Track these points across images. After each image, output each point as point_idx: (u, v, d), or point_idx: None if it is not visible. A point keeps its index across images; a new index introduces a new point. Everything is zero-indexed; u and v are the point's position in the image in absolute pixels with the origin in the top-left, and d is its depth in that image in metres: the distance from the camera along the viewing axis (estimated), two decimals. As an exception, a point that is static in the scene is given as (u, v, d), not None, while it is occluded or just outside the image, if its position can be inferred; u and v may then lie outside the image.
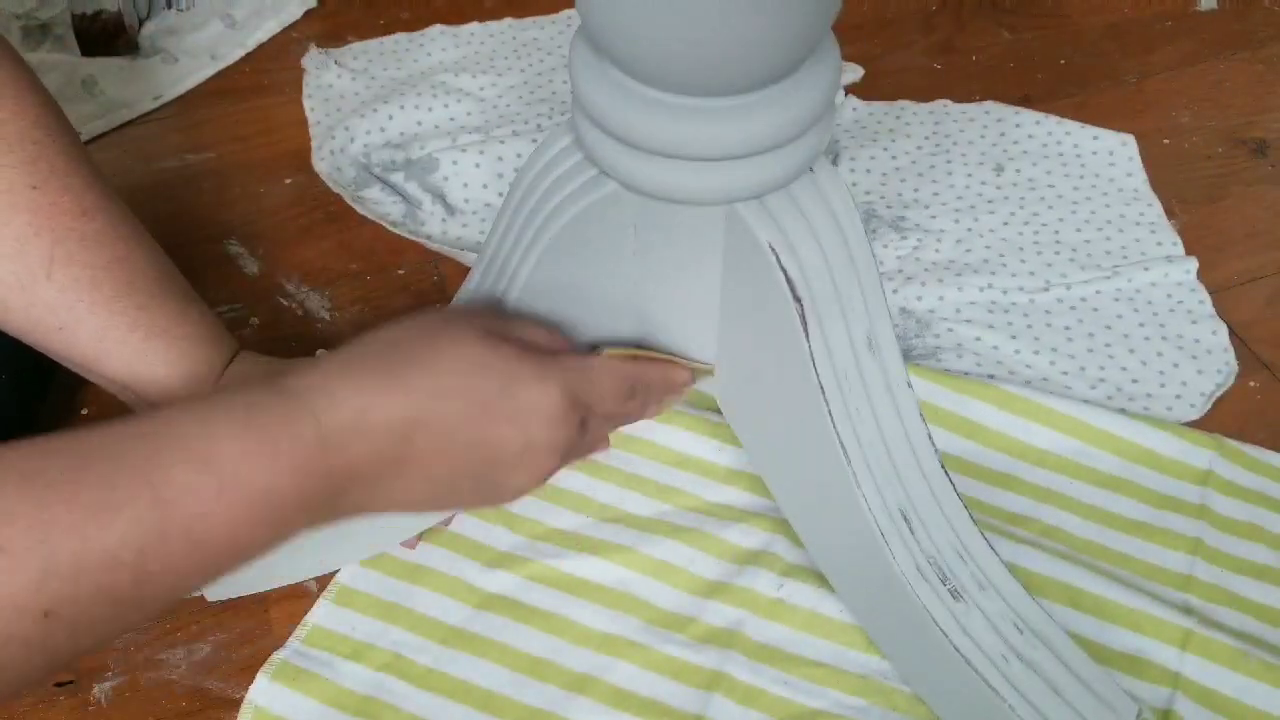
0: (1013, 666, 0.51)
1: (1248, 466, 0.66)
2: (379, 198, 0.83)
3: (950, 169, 0.85)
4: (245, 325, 0.75)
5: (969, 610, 0.51)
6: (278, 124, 0.90)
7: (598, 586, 0.60)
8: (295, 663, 0.57)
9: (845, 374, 0.49)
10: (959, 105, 0.91)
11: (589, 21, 0.44)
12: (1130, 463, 0.66)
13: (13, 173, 0.50)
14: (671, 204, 0.47)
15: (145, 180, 0.84)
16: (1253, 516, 0.64)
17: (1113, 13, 1.01)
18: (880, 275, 0.51)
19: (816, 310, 0.48)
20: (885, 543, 0.50)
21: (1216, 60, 0.96)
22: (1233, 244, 0.81)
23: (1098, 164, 0.86)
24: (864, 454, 0.50)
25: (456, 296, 0.61)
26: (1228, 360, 0.72)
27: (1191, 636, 0.57)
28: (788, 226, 0.47)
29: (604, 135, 0.46)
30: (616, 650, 0.58)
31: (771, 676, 0.57)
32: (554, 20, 0.99)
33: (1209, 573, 0.61)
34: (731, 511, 0.63)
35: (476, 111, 0.89)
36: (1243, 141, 0.89)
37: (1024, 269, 0.77)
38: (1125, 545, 0.62)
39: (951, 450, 0.66)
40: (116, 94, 0.91)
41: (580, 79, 0.46)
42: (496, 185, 0.83)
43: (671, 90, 0.43)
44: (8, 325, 0.52)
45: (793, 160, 0.46)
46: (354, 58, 0.95)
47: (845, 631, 0.58)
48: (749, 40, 0.41)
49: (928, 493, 0.53)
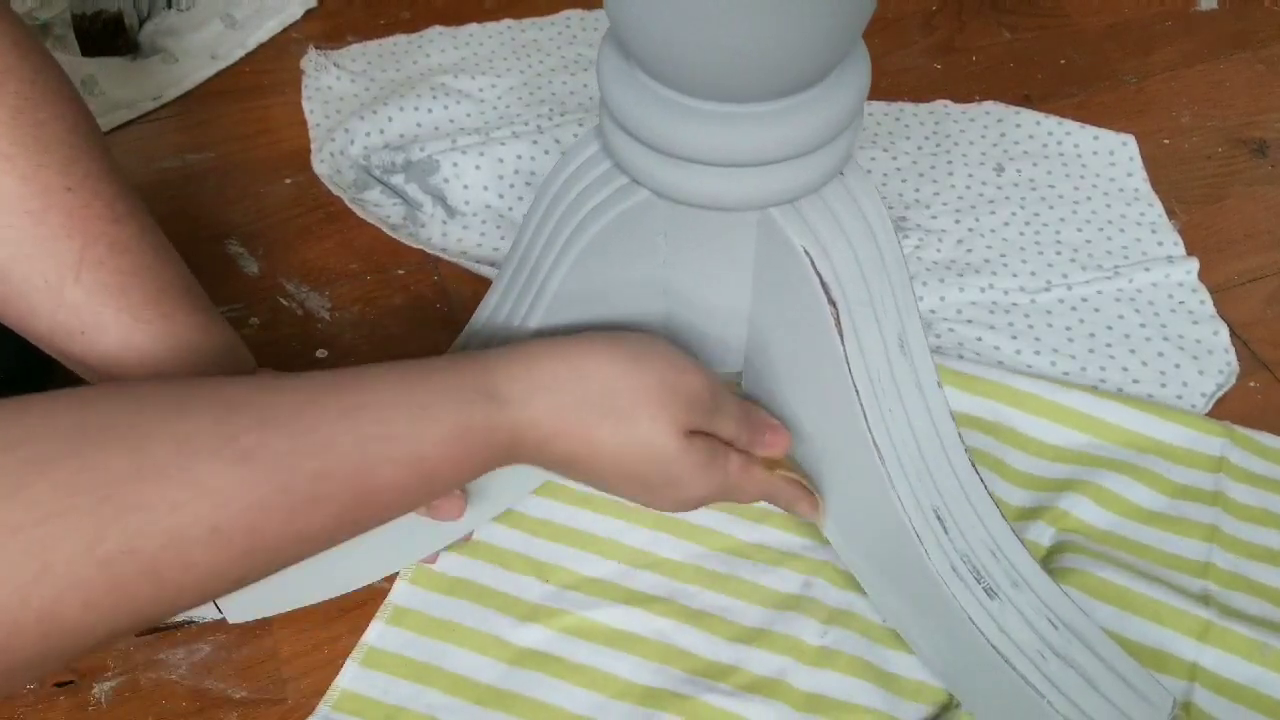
0: (1050, 663, 0.51)
1: (1260, 453, 0.67)
2: (379, 200, 0.83)
3: (950, 169, 0.85)
4: (245, 325, 0.75)
5: (1004, 608, 0.51)
6: (278, 124, 0.90)
7: (636, 637, 0.59)
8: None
9: (878, 375, 0.49)
10: (959, 105, 0.91)
11: (621, 29, 0.44)
12: (1143, 453, 0.66)
13: (49, 173, 0.50)
14: (704, 210, 0.47)
15: (145, 180, 0.84)
16: (1267, 503, 0.64)
17: (1113, 13, 1.01)
18: (909, 275, 0.51)
19: (850, 313, 0.47)
20: (920, 543, 0.50)
21: (1216, 60, 0.96)
22: (1233, 244, 0.81)
23: (1098, 164, 0.85)
24: (897, 454, 0.50)
25: (480, 309, 0.59)
26: (1229, 360, 0.72)
27: (1210, 628, 0.58)
28: (821, 230, 0.47)
29: (635, 143, 0.46)
30: (660, 703, 0.56)
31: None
32: (553, 21, 0.99)
33: (1227, 560, 0.62)
34: (766, 553, 0.62)
35: (476, 113, 0.89)
36: (1243, 141, 0.89)
37: (1025, 269, 0.77)
38: (1143, 535, 0.63)
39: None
40: (116, 94, 0.91)
41: (610, 86, 0.46)
42: (497, 187, 0.83)
43: (707, 97, 0.43)
44: (31, 330, 0.52)
45: (826, 164, 0.46)
46: (353, 59, 0.95)
47: (894, 680, 0.57)
48: (788, 45, 0.41)
49: (960, 492, 0.53)
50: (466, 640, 0.59)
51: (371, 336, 0.75)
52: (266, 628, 0.60)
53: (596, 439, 0.47)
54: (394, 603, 0.60)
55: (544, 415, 0.46)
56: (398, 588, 0.60)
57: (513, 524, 0.63)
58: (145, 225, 0.53)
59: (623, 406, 0.47)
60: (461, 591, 0.60)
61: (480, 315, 0.59)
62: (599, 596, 0.60)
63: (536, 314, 0.54)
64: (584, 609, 0.60)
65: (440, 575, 0.61)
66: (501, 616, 0.59)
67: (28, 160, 0.49)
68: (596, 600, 0.60)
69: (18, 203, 0.49)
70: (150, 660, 0.58)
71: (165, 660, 0.58)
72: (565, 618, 0.59)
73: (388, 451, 0.42)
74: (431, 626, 0.59)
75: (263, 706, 0.57)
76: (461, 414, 0.44)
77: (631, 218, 0.48)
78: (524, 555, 0.62)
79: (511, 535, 0.62)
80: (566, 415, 0.47)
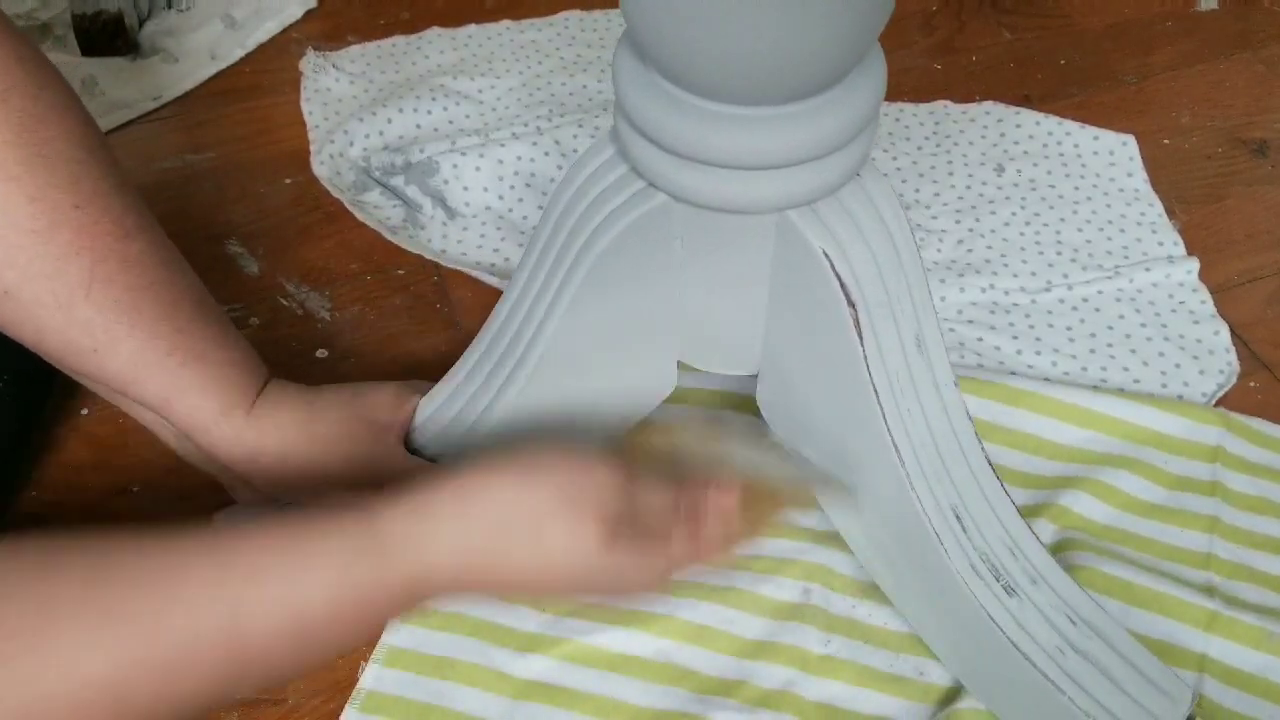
0: (1069, 658, 0.51)
1: (1255, 441, 0.67)
2: (379, 201, 0.83)
3: (951, 169, 0.85)
4: (245, 325, 0.75)
5: (1023, 605, 0.51)
6: (278, 124, 0.90)
7: (638, 660, 0.58)
8: None
9: (896, 375, 0.49)
10: (959, 105, 0.91)
11: (639, 32, 0.44)
12: (1140, 445, 0.66)
13: (56, 191, 0.49)
14: (722, 214, 0.46)
15: (145, 180, 0.84)
16: (1265, 492, 0.65)
17: (1113, 13, 1.01)
18: (926, 274, 0.51)
19: (869, 313, 0.47)
20: (940, 542, 0.50)
21: (1216, 60, 0.96)
22: (1233, 244, 0.81)
23: (1098, 164, 0.85)
24: (916, 454, 0.50)
25: (492, 315, 0.59)
26: (1229, 360, 0.72)
27: (1216, 618, 0.58)
28: (839, 232, 0.47)
29: (653, 147, 0.46)
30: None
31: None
32: (551, 22, 0.99)
33: (1228, 550, 0.62)
34: (761, 562, 0.61)
35: (475, 114, 0.89)
36: (1243, 141, 0.89)
37: (1025, 269, 0.77)
38: (1144, 528, 0.63)
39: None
40: (116, 94, 0.91)
41: (627, 90, 0.45)
42: (496, 188, 0.83)
43: (728, 100, 0.43)
44: (43, 348, 0.52)
45: (845, 165, 0.46)
46: (351, 61, 0.95)
47: (899, 684, 0.57)
48: (810, 47, 0.41)
49: (977, 490, 0.53)
50: (467, 676, 0.57)
51: (371, 336, 0.75)
52: (267, 628, 0.59)
53: (514, 565, 0.45)
54: (387, 643, 0.58)
55: (445, 557, 0.44)
56: (389, 627, 0.58)
57: None
58: (155, 239, 0.53)
59: (526, 527, 0.45)
60: (456, 626, 0.59)
61: (494, 322, 0.59)
62: (597, 621, 0.59)
63: (553, 320, 0.53)
64: (583, 635, 0.58)
65: (431, 612, 0.59)
66: (499, 649, 0.58)
67: (34, 179, 0.49)
68: (595, 625, 0.59)
69: (25, 222, 0.49)
70: (150, 661, 0.58)
71: (165, 661, 0.58)
72: (565, 645, 0.58)
73: (261, 612, 0.40)
74: (429, 665, 0.57)
75: (263, 707, 0.57)
76: (346, 571, 0.42)
77: (648, 222, 0.48)
78: None
79: None
80: (472, 551, 0.44)
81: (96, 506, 0.64)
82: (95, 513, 0.64)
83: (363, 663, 0.58)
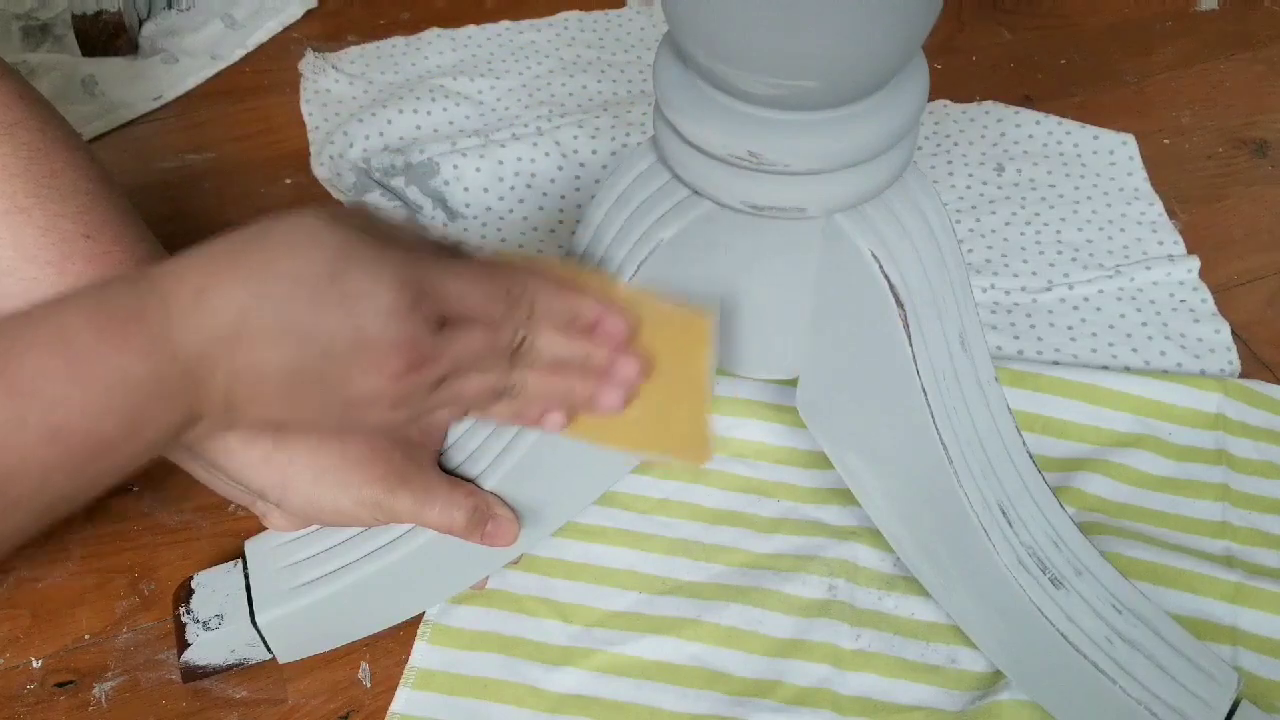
0: (1117, 648, 0.51)
1: (1254, 403, 0.68)
2: (379, 203, 0.83)
3: (951, 169, 0.85)
4: (245, 326, 0.74)
5: (1070, 597, 0.52)
6: (278, 124, 0.90)
7: (671, 666, 0.57)
8: None
9: (943, 374, 0.49)
10: (959, 105, 0.91)
11: (682, 38, 0.43)
12: (1144, 418, 0.67)
13: (67, 222, 0.50)
14: (769, 220, 0.46)
15: (145, 180, 0.84)
16: (1268, 455, 0.66)
17: (1113, 13, 1.01)
18: (967, 271, 0.51)
19: (917, 313, 0.47)
20: (988, 538, 0.50)
21: (1216, 60, 0.96)
22: (1233, 244, 0.81)
23: (1098, 164, 0.86)
24: (963, 452, 0.50)
25: None
26: (1230, 359, 0.72)
27: (1241, 589, 0.59)
28: (886, 234, 0.47)
29: (700, 155, 0.45)
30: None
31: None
32: (551, 23, 0.99)
33: (1241, 517, 0.63)
34: (784, 561, 0.62)
35: (475, 115, 0.89)
36: (1243, 141, 0.89)
37: (1026, 269, 0.77)
38: (1158, 502, 0.64)
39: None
40: (116, 94, 0.91)
41: (670, 97, 0.45)
42: (497, 189, 0.83)
43: (776, 106, 0.43)
44: None
45: (891, 167, 0.46)
46: (351, 62, 0.95)
47: (934, 672, 0.58)
48: (860, 51, 0.40)
49: (1020, 484, 0.53)
50: (501, 694, 0.56)
51: (372, 337, 0.74)
52: (267, 628, 0.59)
53: (324, 335, 0.40)
54: (417, 666, 0.57)
55: (229, 315, 0.40)
56: (417, 649, 0.58)
57: (525, 567, 0.61)
58: None
59: (324, 276, 0.40)
60: (484, 645, 0.58)
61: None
62: (627, 630, 0.59)
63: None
64: (614, 645, 0.58)
65: (459, 631, 0.59)
66: (531, 664, 0.57)
67: (44, 211, 0.49)
68: (625, 634, 0.58)
69: (38, 253, 0.49)
70: (150, 660, 0.58)
71: (165, 660, 0.58)
72: (597, 656, 0.58)
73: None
74: (461, 685, 0.57)
75: (263, 707, 0.57)
76: (99, 307, 0.39)
77: (695, 230, 0.47)
78: (542, 598, 0.60)
79: (526, 579, 0.61)
80: (263, 312, 0.40)
81: (97, 506, 0.64)
82: (95, 512, 0.64)
83: (363, 661, 0.58)
